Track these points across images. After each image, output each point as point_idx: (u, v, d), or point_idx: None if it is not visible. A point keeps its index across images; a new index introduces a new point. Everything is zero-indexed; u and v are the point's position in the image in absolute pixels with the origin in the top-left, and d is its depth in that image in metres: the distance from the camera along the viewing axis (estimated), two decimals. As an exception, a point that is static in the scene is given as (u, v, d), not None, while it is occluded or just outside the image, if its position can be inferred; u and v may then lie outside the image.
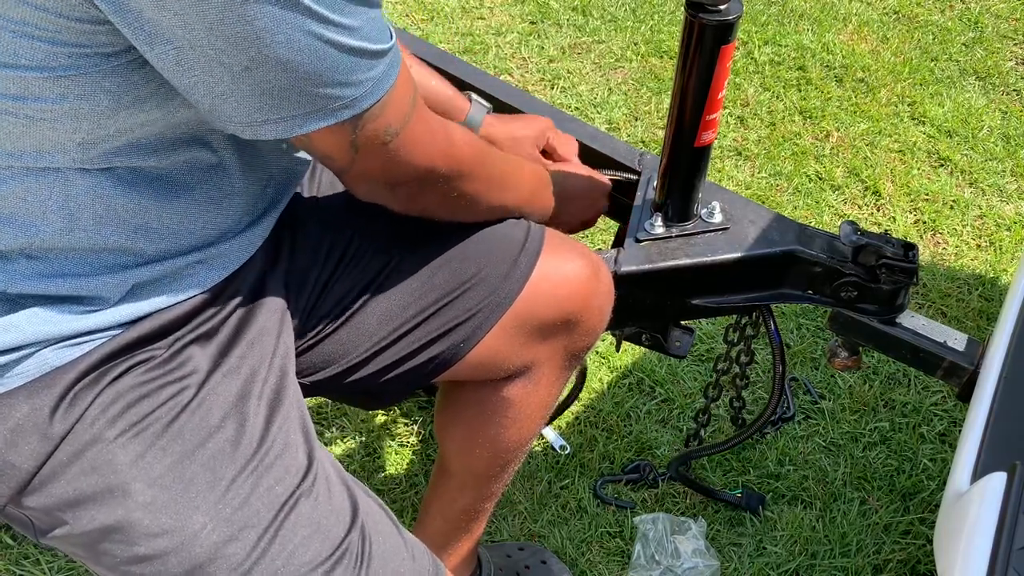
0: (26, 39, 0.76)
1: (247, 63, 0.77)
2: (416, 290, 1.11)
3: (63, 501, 0.92)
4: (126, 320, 0.94)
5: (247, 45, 0.76)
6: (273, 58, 0.77)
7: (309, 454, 1.00)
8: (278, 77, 0.79)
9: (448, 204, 1.07)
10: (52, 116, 0.81)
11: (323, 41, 0.78)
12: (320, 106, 0.83)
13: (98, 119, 0.83)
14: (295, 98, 0.81)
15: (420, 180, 0.99)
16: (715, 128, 1.28)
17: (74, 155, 0.85)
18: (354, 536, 0.99)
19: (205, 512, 0.93)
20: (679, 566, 1.62)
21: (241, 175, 0.97)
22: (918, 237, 2.29)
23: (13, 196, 0.87)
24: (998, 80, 2.77)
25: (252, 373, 1.00)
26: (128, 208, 0.90)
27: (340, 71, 0.81)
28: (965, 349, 1.33)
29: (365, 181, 0.97)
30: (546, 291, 1.15)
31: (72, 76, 0.79)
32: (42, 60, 0.78)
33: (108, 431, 0.91)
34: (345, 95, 0.83)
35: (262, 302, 1.04)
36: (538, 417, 1.27)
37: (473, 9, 3.03)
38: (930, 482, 1.78)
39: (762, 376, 1.94)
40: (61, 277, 0.91)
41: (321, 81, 0.81)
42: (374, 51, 0.83)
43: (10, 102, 0.80)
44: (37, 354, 0.90)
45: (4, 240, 0.89)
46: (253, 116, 0.82)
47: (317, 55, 0.79)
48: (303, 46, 0.77)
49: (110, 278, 0.92)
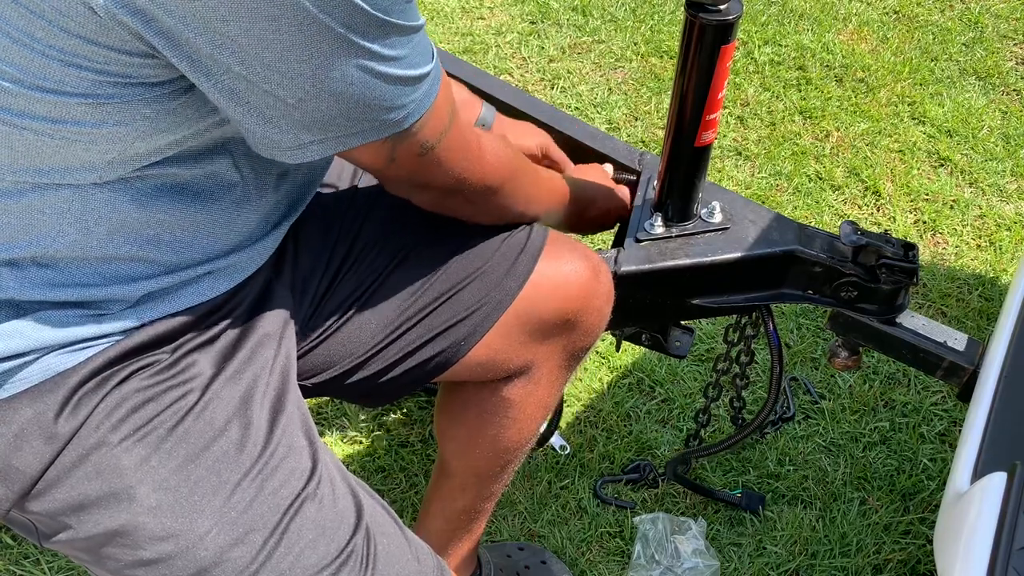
0: (73, 68, 0.76)
1: (301, 95, 0.80)
2: (416, 289, 1.12)
3: (67, 505, 0.91)
4: (132, 326, 0.93)
5: (303, 80, 0.78)
6: (327, 92, 0.80)
7: (313, 457, 1.00)
8: (329, 107, 0.82)
9: (473, 209, 1.10)
10: (88, 139, 0.82)
11: (374, 75, 0.81)
12: (366, 128, 0.86)
13: (132, 141, 0.83)
14: (343, 123, 0.84)
15: (450, 188, 1.02)
16: (715, 128, 1.28)
17: (100, 172, 0.85)
18: (359, 538, 0.99)
19: (210, 516, 0.92)
20: (679, 566, 1.62)
21: (256, 190, 0.98)
22: (918, 237, 2.29)
23: (31, 209, 0.86)
24: (998, 80, 2.77)
25: (255, 378, 1.00)
26: (142, 220, 0.90)
27: (388, 99, 0.84)
28: (965, 349, 1.33)
29: (397, 183, 1.01)
30: (546, 291, 1.15)
31: (114, 103, 0.80)
32: (87, 88, 0.78)
33: (112, 435, 0.91)
34: (390, 118, 0.86)
35: (266, 308, 1.04)
36: (538, 417, 1.27)
37: (473, 9, 3.02)
38: (930, 482, 1.78)
39: (762, 376, 1.94)
40: (71, 286, 0.90)
41: (370, 108, 0.84)
42: (418, 76, 0.86)
43: (48, 124, 0.80)
44: (41, 360, 0.90)
45: (17, 249, 0.88)
46: (299, 140, 0.85)
47: (368, 87, 0.82)
48: (355, 79, 0.80)
49: (120, 288, 0.92)
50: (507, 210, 1.13)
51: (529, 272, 1.14)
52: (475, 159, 1.02)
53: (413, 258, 1.13)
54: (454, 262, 1.12)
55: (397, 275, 1.12)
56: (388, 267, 1.12)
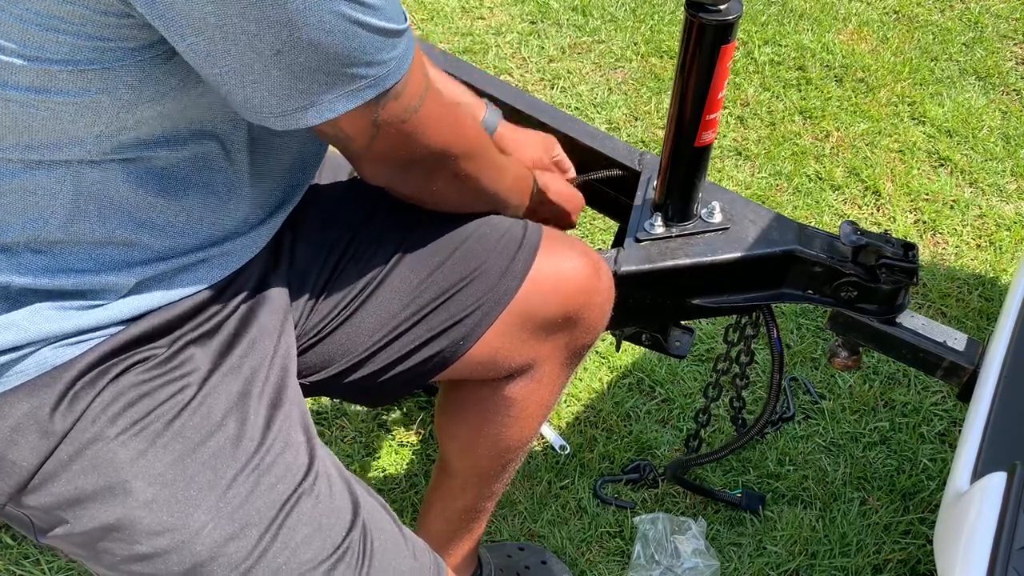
0: (52, 32, 0.77)
1: (279, 47, 0.79)
2: (414, 288, 1.11)
3: (64, 500, 0.91)
4: (128, 316, 0.94)
5: (279, 28, 0.77)
6: (305, 40, 0.79)
7: (310, 453, 1.00)
8: (309, 59, 0.80)
9: (460, 188, 1.08)
10: (74, 110, 0.82)
11: (352, 22, 0.80)
12: (349, 87, 0.85)
13: (117, 112, 0.83)
14: (324, 79, 0.83)
15: (434, 158, 1.01)
16: (715, 128, 1.28)
17: (89, 147, 0.85)
18: (355, 534, 0.99)
19: (206, 510, 0.92)
20: (679, 566, 1.62)
21: (249, 176, 0.98)
22: (918, 237, 2.29)
23: (22, 189, 0.87)
24: (998, 80, 2.77)
25: (253, 372, 1.00)
26: (134, 202, 0.90)
27: (368, 51, 0.83)
28: (965, 349, 1.33)
29: (381, 163, 0.98)
30: (547, 288, 1.15)
31: (95, 70, 0.80)
32: (67, 54, 0.78)
33: (109, 429, 0.91)
34: (371, 74, 0.85)
35: (264, 302, 1.04)
36: (539, 416, 1.27)
37: (473, 9, 3.03)
38: (930, 482, 1.78)
39: (762, 376, 1.94)
40: (65, 272, 0.90)
41: (351, 61, 0.83)
42: (396, 30, 0.85)
43: (33, 95, 0.81)
44: (36, 353, 0.90)
45: (11, 233, 0.88)
46: (285, 105, 0.84)
47: (347, 35, 0.80)
48: (333, 27, 0.79)
49: (114, 275, 0.92)
50: (487, 181, 1.11)
51: (527, 269, 1.13)
52: (456, 123, 1.01)
53: (411, 256, 1.12)
54: (453, 260, 1.12)
55: (396, 274, 1.12)
56: (386, 265, 1.12)
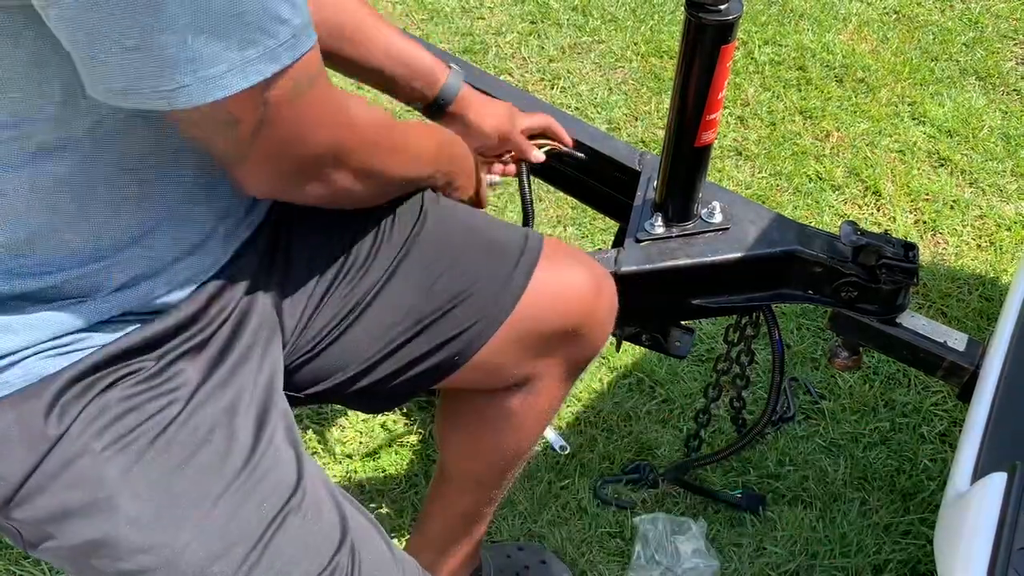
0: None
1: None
2: (410, 303, 1.09)
3: (49, 514, 0.90)
4: (111, 316, 0.91)
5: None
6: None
7: (298, 470, 0.98)
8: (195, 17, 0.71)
9: (367, 184, 0.99)
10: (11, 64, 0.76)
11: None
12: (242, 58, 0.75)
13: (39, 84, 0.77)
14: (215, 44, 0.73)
15: (329, 155, 0.91)
16: (715, 128, 1.28)
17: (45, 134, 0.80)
18: (343, 554, 0.97)
19: (191, 528, 0.90)
20: (679, 566, 1.62)
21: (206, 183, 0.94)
22: (918, 237, 2.28)
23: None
24: (998, 80, 2.77)
25: (241, 388, 0.98)
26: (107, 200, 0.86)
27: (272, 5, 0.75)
28: (965, 349, 1.33)
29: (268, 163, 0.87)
30: (546, 303, 1.13)
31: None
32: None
33: (95, 443, 0.89)
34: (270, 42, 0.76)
35: (253, 315, 1.02)
36: (538, 427, 1.27)
37: (473, 9, 3.02)
38: (930, 482, 1.77)
39: (762, 376, 1.94)
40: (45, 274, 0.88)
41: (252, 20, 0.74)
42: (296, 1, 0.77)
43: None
44: (22, 363, 0.88)
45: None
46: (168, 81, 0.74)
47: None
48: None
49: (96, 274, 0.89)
50: (396, 169, 1.03)
51: (525, 284, 1.11)
52: (342, 114, 0.91)
53: (408, 270, 1.10)
54: (450, 274, 1.10)
55: (391, 288, 1.10)
56: (382, 279, 1.09)
